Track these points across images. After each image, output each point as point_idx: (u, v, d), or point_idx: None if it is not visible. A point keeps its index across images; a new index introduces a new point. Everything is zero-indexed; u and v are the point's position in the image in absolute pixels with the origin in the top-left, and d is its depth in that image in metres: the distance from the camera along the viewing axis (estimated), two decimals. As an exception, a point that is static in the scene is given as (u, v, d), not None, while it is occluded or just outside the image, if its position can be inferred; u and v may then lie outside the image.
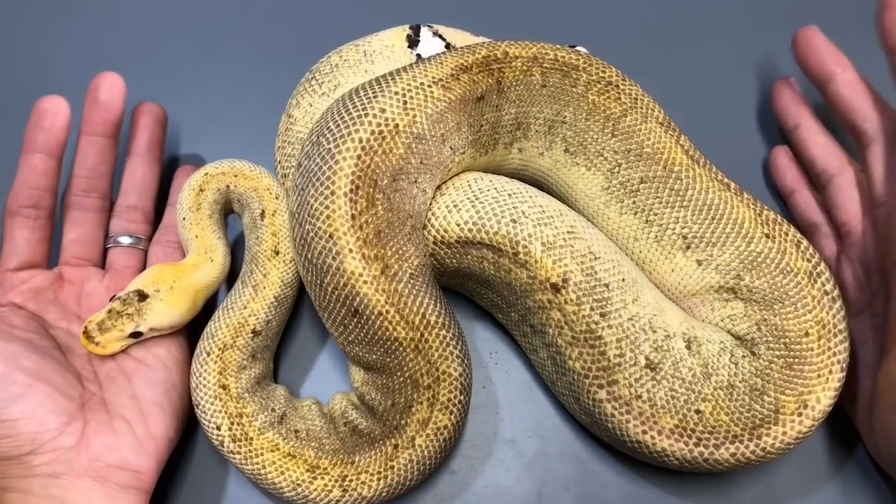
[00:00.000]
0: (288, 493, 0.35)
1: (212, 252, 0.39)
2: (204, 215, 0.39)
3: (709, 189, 0.37)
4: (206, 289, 0.39)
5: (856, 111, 0.39)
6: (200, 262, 0.39)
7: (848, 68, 0.40)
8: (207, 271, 0.39)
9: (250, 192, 0.39)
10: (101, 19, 0.52)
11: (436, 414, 0.35)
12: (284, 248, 0.39)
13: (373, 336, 0.34)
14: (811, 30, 0.41)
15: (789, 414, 0.34)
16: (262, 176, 0.40)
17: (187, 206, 0.39)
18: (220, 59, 0.50)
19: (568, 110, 0.38)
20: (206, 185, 0.39)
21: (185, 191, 0.39)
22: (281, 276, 0.38)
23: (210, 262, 0.39)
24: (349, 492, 0.35)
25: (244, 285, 0.38)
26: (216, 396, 0.36)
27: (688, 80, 0.49)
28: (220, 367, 0.37)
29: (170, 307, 0.37)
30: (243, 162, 0.40)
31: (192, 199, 0.39)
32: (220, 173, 0.39)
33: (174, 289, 0.37)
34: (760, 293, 0.35)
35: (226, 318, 0.37)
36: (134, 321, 0.36)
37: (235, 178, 0.39)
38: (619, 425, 0.34)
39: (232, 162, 0.40)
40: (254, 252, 0.39)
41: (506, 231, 0.35)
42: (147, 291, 0.37)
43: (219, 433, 0.36)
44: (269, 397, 0.38)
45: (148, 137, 0.43)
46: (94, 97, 0.41)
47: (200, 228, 0.39)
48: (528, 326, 0.37)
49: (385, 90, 0.34)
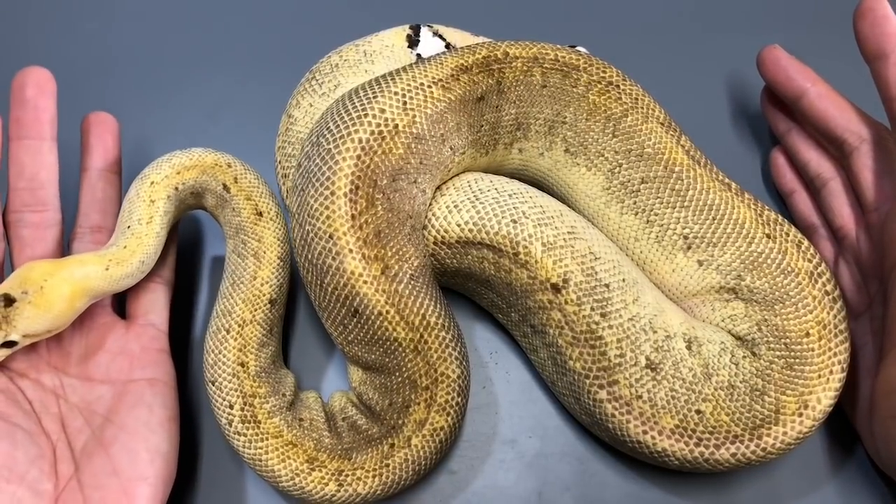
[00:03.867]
0: (285, 481, 0.35)
1: (117, 263, 0.35)
2: (153, 230, 0.36)
3: (710, 189, 0.37)
4: (87, 292, 0.34)
5: (833, 122, 0.39)
6: (92, 262, 0.34)
7: (817, 82, 0.40)
8: (93, 275, 0.34)
9: (201, 178, 0.37)
10: (101, 19, 0.52)
11: (433, 415, 0.35)
12: (265, 208, 0.38)
13: (372, 336, 0.34)
14: (774, 49, 0.41)
15: (790, 414, 0.34)
16: (202, 156, 0.38)
17: (136, 218, 0.36)
18: (220, 59, 0.50)
19: (568, 111, 0.38)
20: (155, 195, 0.36)
21: (134, 202, 0.36)
22: (275, 235, 0.38)
23: (104, 269, 0.34)
24: (344, 486, 0.35)
25: (242, 257, 0.37)
26: (234, 374, 0.36)
27: (688, 80, 0.49)
28: (240, 343, 0.36)
29: (40, 310, 0.33)
30: (176, 154, 0.37)
31: (142, 211, 0.36)
32: (164, 177, 0.37)
33: (44, 288, 0.33)
34: (761, 293, 0.35)
35: (239, 294, 0.37)
36: (2, 329, 0.32)
37: (179, 176, 0.37)
38: (619, 425, 0.34)
39: (168, 159, 0.37)
40: (235, 224, 0.38)
41: (506, 231, 0.35)
42: (13, 294, 0.32)
43: (230, 412, 0.35)
44: (281, 381, 0.38)
45: (104, 149, 0.40)
46: (21, 96, 0.37)
47: (136, 241, 0.36)
48: (528, 327, 0.37)
49: (385, 90, 0.34)
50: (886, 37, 0.36)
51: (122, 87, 0.49)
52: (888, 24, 0.36)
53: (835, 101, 0.39)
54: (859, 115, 0.38)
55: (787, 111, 0.43)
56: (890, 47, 0.35)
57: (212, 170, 0.38)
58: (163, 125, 0.48)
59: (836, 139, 0.39)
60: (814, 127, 0.40)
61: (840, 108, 0.39)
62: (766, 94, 0.44)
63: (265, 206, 0.38)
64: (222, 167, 0.38)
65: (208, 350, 0.37)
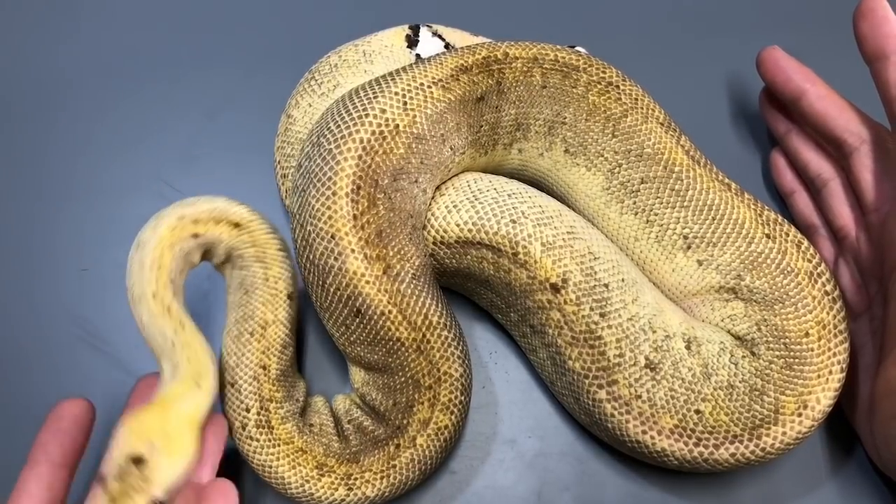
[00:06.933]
0: (295, 489, 0.35)
1: (201, 376, 0.32)
2: (190, 327, 0.33)
3: (709, 189, 0.37)
4: (202, 417, 0.32)
5: (833, 122, 0.39)
6: (183, 388, 0.32)
7: (817, 82, 0.40)
8: (196, 398, 0.32)
9: (176, 253, 0.34)
10: (101, 19, 0.52)
11: (437, 414, 0.35)
12: (237, 218, 0.35)
13: (375, 336, 0.34)
14: (773, 50, 0.41)
15: (789, 414, 0.34)
16: (162, 234, 0.33)
17: (170, 333, 0.33)
18: (220, 59, 0.50)
19: (568, 111, 0.38)
20: (165, 299, 0.33)
21: (153, 324, 0.32)
22: (264, 232, 0.36)
23: (198, 388, 0.32)
24: (354, 490, 0.35)
25: (245, 269, 0.36)
26: (255, 377, 0.35)
27: (688, 81, 0.49)
28: (264, 346, 0.36)
29: (176, 455, 0.30)
30: (137, 251, 0.33)
31: (166, 323, 0.32)
32: (155, 280, 0.33)
33: (169, 433, 0.30)
34: (761, 293, 0.35)
35: (257, 298, 0.36)
36: (145, 493, 0.28)
37: (161, 270, 0.33)
38: (618, 425, 0.34)
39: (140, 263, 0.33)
40: (223, 250, 0.36)
41: (505, 231, 0.35)
42: (139, 452, 0.29)
43: (246, 415, 0.35)
44: (295, 386, 0.37)
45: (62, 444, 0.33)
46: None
47: (190, 349, 0.33)
48: (527, 327, 0.37)
49: (385, 90, 0.34)
50: (886, 38, 0.36)
51: (122, 87, 0.49)
52: (888, 24, 0.36)
53: (834, 102, 0.39)
54: (859, 116, 0.38)
55: (785, 112, 0.43)
56: (890, 48, 0.35)
57: (172, 237, 0.33)
58: (163, 125, 0.48)
59: (836, 140, 0.39)
60: (813, 128, 0.40)
61: (840, 108, 0.39)
62: (764, 95, 0.45)
63: (237, 217, 0.35)
64: (177, 227, 0.34)
65: (229, 353, 0.36)
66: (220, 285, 0.39)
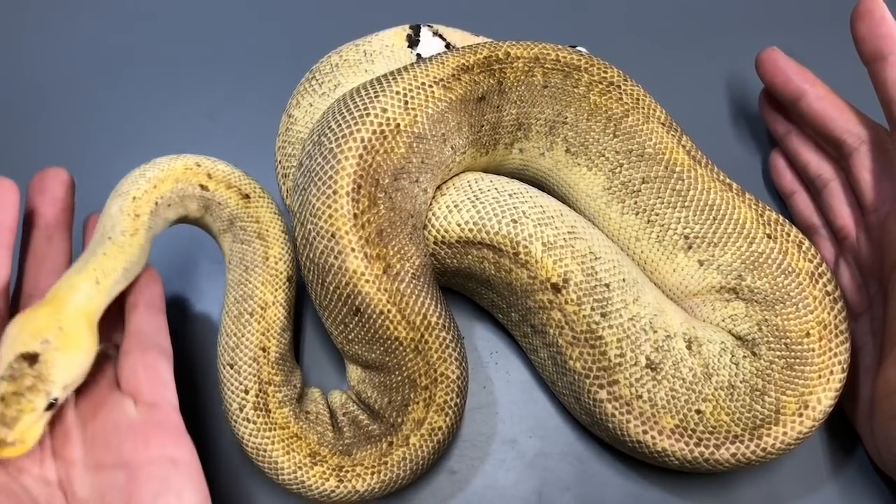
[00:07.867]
0: (287, 475, 0.35)
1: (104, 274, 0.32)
2: (137, 242, 0.33)
3: (711, 189, 0.37)
4: (97, 312, 0.32)
5: (832, 123, 0.39)
6: (82, 282, 0.31)
7: (816, 83, 0.40)
8: (92, 294, 0.31)
9: (176, 187, 0.35)
10: (101, 19, 0.52)
11: (431, 415, 0.35)
12: (249, 189, 0.37)
13: (373, 335, 0.34)
14: (773, 51, 0.41)
15: (790, 414, 0.34)
16: (171, 164, 0.35)
17: (120, 230, 0.33)
18: (220, 59, 0.50)
19: (569, 111, 0.38)
20: (139, 210, 0.34)
21: (116, 216, 0.34)
22: (270, 210, 0.37)
23: (96, 284, 0.31)
24: (344, 483, 0.35)
25: (246, 243, 0.36)
26: (255, 359, 0.35)
27: (688, 81, 0.49)
28: (263, 327, 0.36)
29: (71, 352, 0.29)
30: (147, 168, 0.35)
31: (126, 224, 0.33)
32: (144, 192, 0.35)
33: (63, 329, 0.29)
34: (762, 293, 0.35)
35: (256, 277, 0.36)
36: (40, 391, 0.28)
37: (156, 190, 0.35)
38: (619, 425, 0.34)
39: (142, 174, 0.35)
40: (227, 215, 0.36)
41: (506, 231, 0.35)
42: (33, 349, 0.28)
43: (245, 397, 0.35)
44: (293, 372, 0.37)
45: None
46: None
47: (121, 252, 0.33)
48: (528, 326, 0.37)
49: (386, 90, 0.34)
50: (884, 38, 0.36)
51: (122, 87, 0.49)
52: (885, 25, 0.36)
53: (833, 103, 0.39)
54: (858, 117, 0.38)
55: (785, 113, 0.43)
56: (888, 49, 0.35)
57: (184, 175, 0.36)
58: (163, 125, 0.48)
59: (835, 140, 0.39)
60: (813, 128, 0.40)
61: (839, 109, 0.39)
62: (764, 96, 0.45)
63: (249, 188, 0.37)
64: (192, 169, 0.36)
65: (228, 334, 0.36)
66: (220, 285, 0.39)
